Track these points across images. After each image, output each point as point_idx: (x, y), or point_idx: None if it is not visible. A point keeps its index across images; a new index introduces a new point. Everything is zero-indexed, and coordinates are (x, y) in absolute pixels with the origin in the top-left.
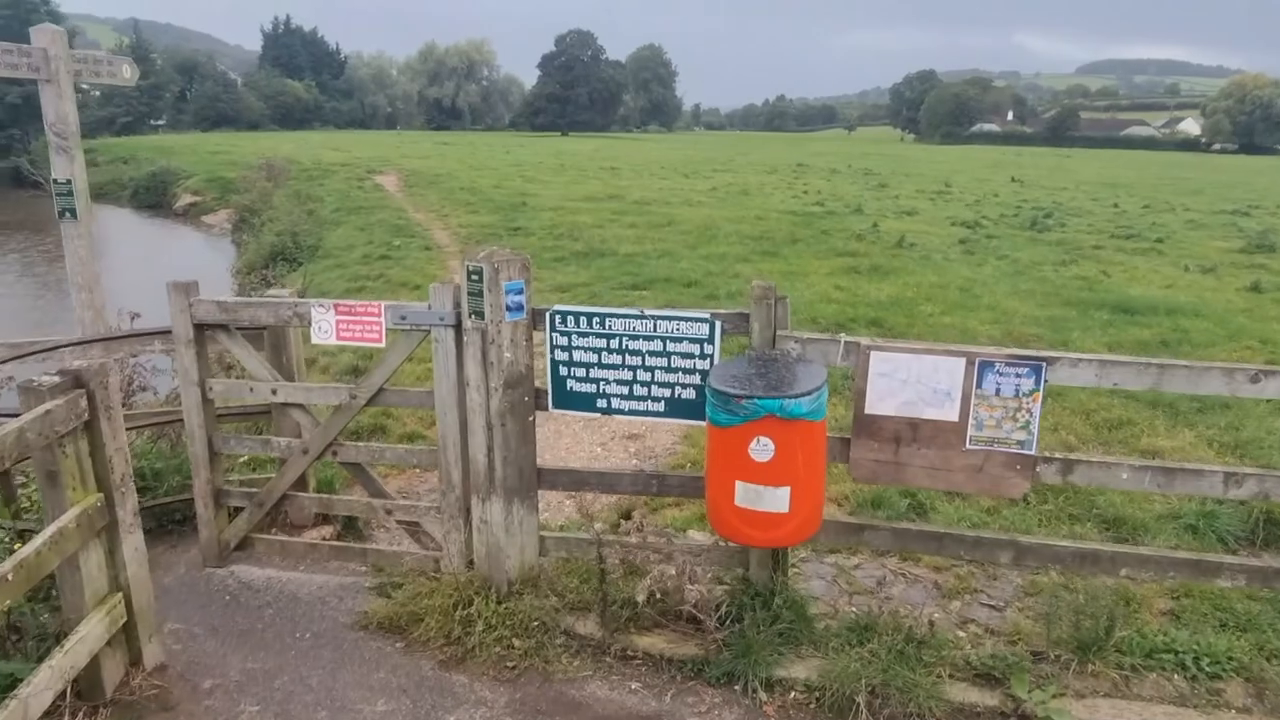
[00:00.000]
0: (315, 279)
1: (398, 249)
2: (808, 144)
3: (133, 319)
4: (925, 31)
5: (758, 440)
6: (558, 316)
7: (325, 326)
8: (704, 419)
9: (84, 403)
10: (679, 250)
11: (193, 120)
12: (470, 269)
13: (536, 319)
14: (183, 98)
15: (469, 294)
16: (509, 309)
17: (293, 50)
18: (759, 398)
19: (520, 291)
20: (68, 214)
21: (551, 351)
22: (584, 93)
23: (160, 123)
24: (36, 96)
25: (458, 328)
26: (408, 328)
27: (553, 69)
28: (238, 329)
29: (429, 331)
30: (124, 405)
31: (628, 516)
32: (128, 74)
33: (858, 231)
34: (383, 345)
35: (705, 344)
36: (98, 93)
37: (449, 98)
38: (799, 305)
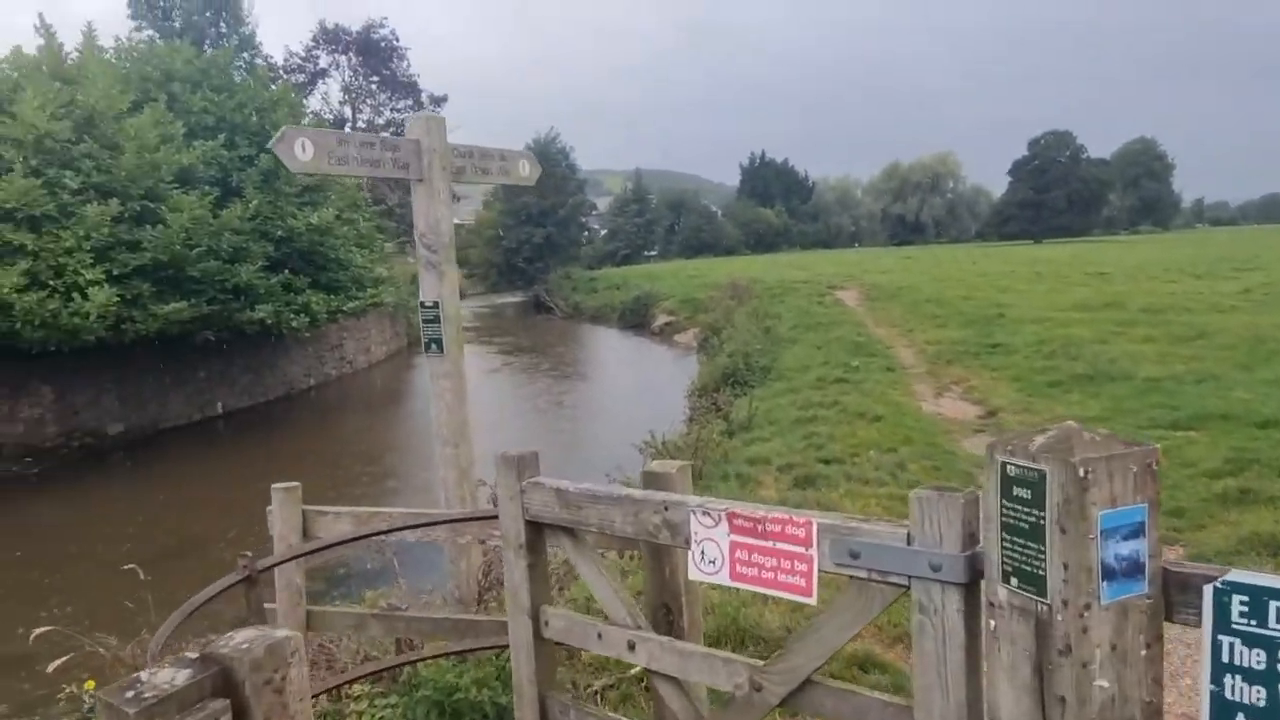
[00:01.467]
0: (763, 404)
1: (856, 370)
2: None
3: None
4: None
5: None
6: (1238, 598)
7: (712, 554)
8: None
9: None
10: (1226, 372)
11: (679, 249)
12: (1011, 473)
13: (1171, 598)
14: (671, 230)
15: (1006, 530)
16: (1110, 573)
17: (766, 181)
18: None
19: (1138, 532)
20: (433, 346)
21: (1216, 678)
22: (1060, 196)
23: (652, 253)
24: (554, 236)
25: (969, 589)
26: (863, 575)
27: (1024, 174)
28: (588, 531)
29: (906, 588)
30: (477, 603)
31: None
32: (525, 171)
33: None
34: (812, 601)
35: None
36: (604, 231)
37: (912, 213)
38: None
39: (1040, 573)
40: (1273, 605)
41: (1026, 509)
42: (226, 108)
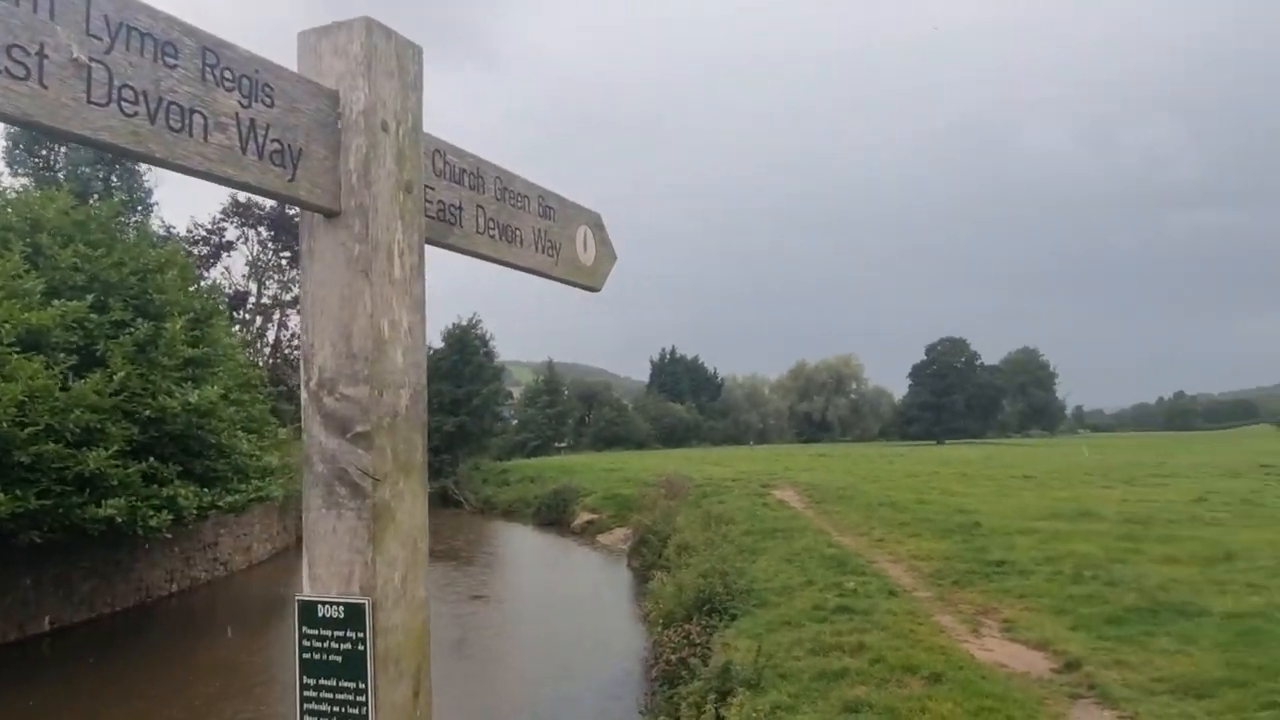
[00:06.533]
0: (760, 641)
1: (853, 593)
2: (1238, 442)
3: None
4: None
5: None
6: None
7: None
8: None
9: None
10: None
11: (590, 442)
12: None
13: None
14: (583, 422)
15: None
16: None
17: (676, 376)
18: None
19: None
20: None
21: None
22: (960, 400)
23: (563, 445)
24: (467, 425)
25: None
26: None
27: (924, 378)
28: None
29: None
30: None
31: None
32: (587, 253)
33: None
34: None
35: None
36: (515, 421)
37: (818, 411)
38: None
39: None
40: None
41: None
42: (102, 265)
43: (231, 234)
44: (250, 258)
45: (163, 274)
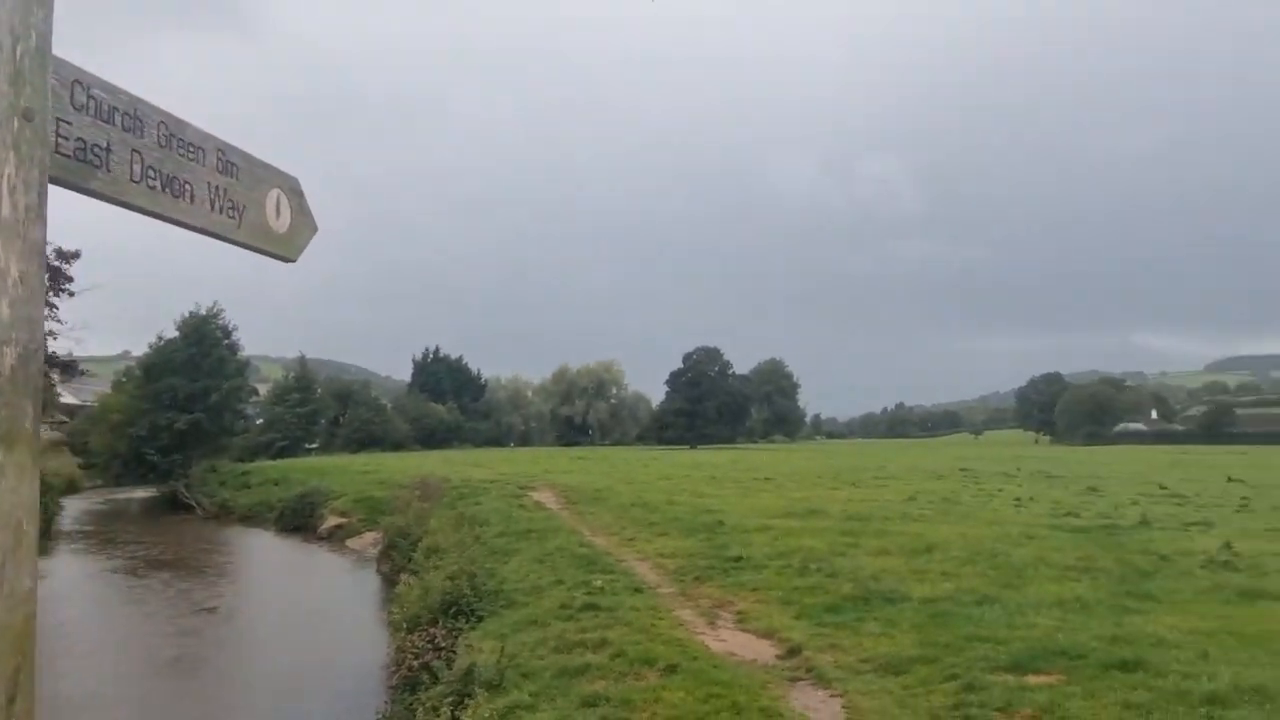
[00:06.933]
0: (505, 644)
1: (600, 591)
2: (944, 449)
3: None
4: (1039, 336)
5: None
6: None
7: None
8: None
9: None
10: (992, 591)
11: (344, 443)
12: None
13: None
14: (336, 422)
15: None
16: None
17: (438, 377)
18: None
19: None
20: None
21: None
22: (712, 406)
23: (314, 446)
24: (202, 423)
25: None
26: None
27: (680, 385)
28: None
29: None
30: None
31: None
32: (281, 221)
33: (1205, 554)
34: None
35: None
36: (260, 420)
37: (579, 415)
38: None
39: None
40: None
41: None
42: None
43: None
44: None
45: None
